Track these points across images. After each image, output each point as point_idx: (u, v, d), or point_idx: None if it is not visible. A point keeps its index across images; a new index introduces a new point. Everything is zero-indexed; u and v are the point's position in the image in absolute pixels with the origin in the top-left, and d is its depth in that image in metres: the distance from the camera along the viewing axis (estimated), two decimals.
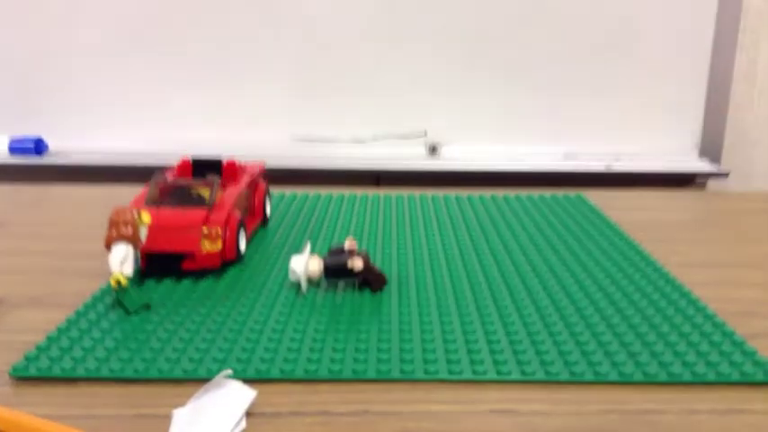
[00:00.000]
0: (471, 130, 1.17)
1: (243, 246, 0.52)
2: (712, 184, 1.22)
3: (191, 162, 0.57)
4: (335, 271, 0.47)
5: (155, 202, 0.50)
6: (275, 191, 0.72)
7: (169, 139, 1.11)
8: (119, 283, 0.44)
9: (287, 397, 0.35)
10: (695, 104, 1.18)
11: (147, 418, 0.33)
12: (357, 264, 0.46)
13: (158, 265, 0.48)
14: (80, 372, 0.36)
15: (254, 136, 1.13)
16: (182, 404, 0.34)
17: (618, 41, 1.14)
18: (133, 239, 0.45)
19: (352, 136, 1.16)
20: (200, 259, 0.48)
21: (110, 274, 0.44)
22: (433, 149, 1.17)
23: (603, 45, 1.14)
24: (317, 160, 1.13)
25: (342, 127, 1.16)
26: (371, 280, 0.47)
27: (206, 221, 0.48)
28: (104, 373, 0.36)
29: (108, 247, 0.45)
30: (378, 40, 1.13)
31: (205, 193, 0.50)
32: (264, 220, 0.62)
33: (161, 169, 0.55)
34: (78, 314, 0.43)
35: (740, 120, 1.24)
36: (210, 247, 0.48)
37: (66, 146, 1.15)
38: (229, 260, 0.50)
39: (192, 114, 1.14)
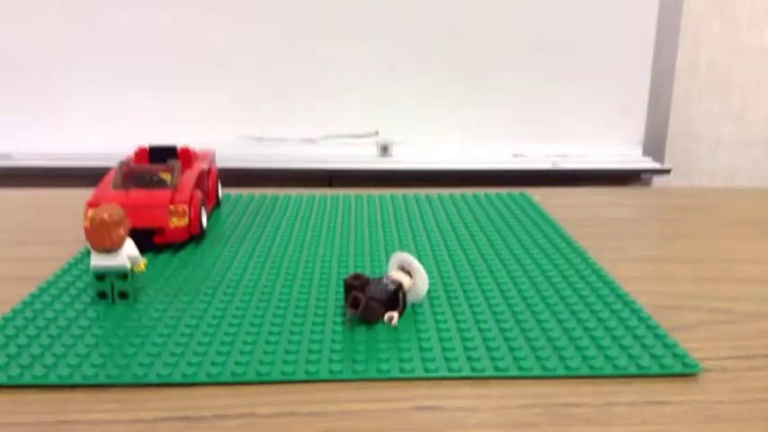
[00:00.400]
0: (422, 129, 1.17)
1: (204, 222, 0.58)
2: (657, 180, 1.25)
3: (147, 150, 0.62)
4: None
5: (120, 185, 0.55)
6: (225, 192, 0.72)
7: (114, 143, 1.09)
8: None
9: (212, 400, 0.35)
10: (639, 103, 1.20)
11: (69, 425, 0.33)
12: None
13: (133, 239, 0.50)
14: (2, 379, 0.36)
15: (201, 137, 1.12)
16: (106, 410, 0.34)
17: (562, 42, 1.16)
18: None
19: (303, 136, 1.16)
20: (169, 233, 0.54)
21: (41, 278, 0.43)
22: (384, 149, 1.17)
23: (548, 46, 1.16)
24: (268, 161, 1.12)
25: (292, 127, 1.15)
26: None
27: (172, 200, 0.54)
28: (26, 379, 0.36)
29: None
30: (327, 40, 1.13)
31: (166, 176, 0.56)
32: (218, 202, 0.68)
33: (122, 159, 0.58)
34: (6, 320, 0.42)
35: (683, 117, 1.26)
36: (178, 222, 0.54)
37: (9, 149, 1.12)
38: (194, 234, 0.56)
39: (137, 116, 1.12)
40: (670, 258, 0.56)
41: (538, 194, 0.74)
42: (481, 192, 0.75)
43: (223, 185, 0.70)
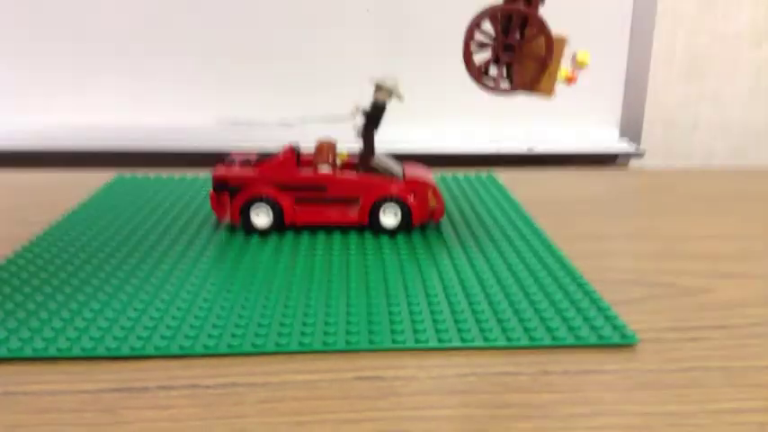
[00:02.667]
0: (399, 112, 1.18)
1: None
2: (634, 163, 1.26)
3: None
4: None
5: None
6: (200, 174, 0.73)
7: (86, 126, 1.10)
8: None
9: (159, 372, 0.35)
10: (616, 86, 1.21)
11: (13, 396, 0.33)
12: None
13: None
14: None
15: (177, 120, 1.12)
16: (52, 381, 0.34)
17: None
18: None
19: (280, 119, 1.16)
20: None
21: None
22: None
23: None
24: (245, 144, 1.12)
25: (268, 110, 1.16)
26: None
27: None
28: None
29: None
30: (304, 21, 1.13)
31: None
32: None
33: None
34: None
35: (660, 101, 1.27)
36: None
37: None
38: None
39: (110, 99, 1.12)
40: (623, 235, 0.57)
41: (505, 176, 0.75)
42: (451, 173, 0.76)
43: (200, 167, 0.71)
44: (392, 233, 0.54)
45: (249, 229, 0.54)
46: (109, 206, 0.62)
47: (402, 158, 0.61)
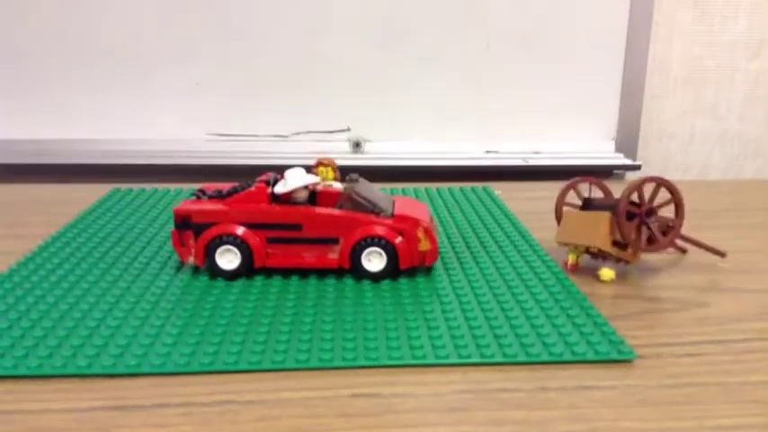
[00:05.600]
0: (394, 126, 1.18)
1: None
2: (630, 176, 1.26)
3: None
4: None
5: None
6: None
7: (83, 140, 1.10)
8: None
9: (155, 390, 0.35)
10: (611, 98, 1.22)
11: (8, 414, 0.33)
12: None
13: None
14: None
15: (171, 133, 1.12)
16: (47, 399, 0.34)
17: (535, 39, 1.17)
18: None
19: (274, 132, 1.16)
20: None
21: None
22: (356, 145, 1.18)
23: (522, 44, 1.17)
24: (239, 157, 1.12)
25: (262, 123, 1.16)
26: None
27: None
28: None
29: None
30: (297, 32, 1.13)
31: None
32: None
33: None
34: None
35: (656, 113, 1.28)
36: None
37: None
38: None
39: (101, 112, 1.12)
40: None
41: (500, 189, 0.75)
42: (446, 186, 0.76)
43: (191, 181, 0.70)
44: (376, 279, 0.48)
45: (214, 272, 0.48)
46: (105, 219, 0.61)
47: (396, 172, 0.61)
